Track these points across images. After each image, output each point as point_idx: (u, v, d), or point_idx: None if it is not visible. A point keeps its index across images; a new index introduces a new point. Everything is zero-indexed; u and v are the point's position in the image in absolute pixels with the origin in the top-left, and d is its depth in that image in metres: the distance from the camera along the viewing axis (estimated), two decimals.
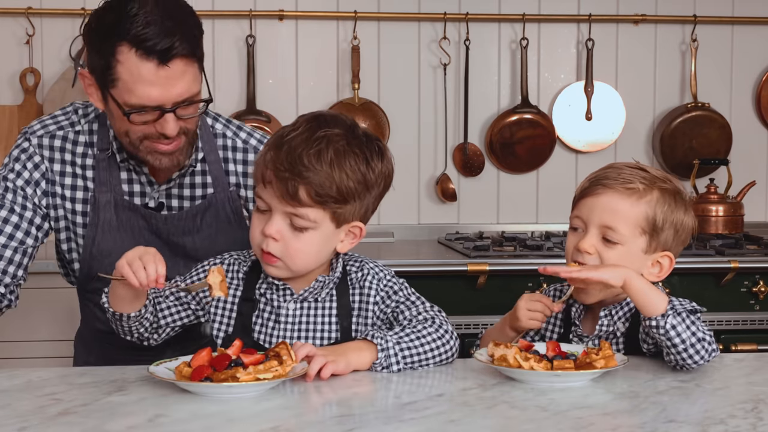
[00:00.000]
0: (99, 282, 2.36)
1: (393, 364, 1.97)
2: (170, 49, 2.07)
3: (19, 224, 2.27)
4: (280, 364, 1.84)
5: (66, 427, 1.62)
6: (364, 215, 2.06)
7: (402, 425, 1.64)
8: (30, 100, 4.13)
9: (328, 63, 4.31)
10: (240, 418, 1.69)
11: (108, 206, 2.31)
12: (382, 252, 3.87)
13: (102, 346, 2.48)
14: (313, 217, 1.98)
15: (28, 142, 2.33)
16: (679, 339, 1.94)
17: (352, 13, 4.27)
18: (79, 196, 2.33)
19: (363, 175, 1.99)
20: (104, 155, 2.31)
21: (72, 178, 2.33)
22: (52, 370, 2.02)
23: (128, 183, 2.34)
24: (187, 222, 2.35)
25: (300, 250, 2.00)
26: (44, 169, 2.32)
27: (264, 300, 2.10)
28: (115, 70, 2.09)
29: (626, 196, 2.11)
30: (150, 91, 2.09)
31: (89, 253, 2.34)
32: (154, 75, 2.08)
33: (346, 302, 2.08)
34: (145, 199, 2.34)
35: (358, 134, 2.03)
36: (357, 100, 4.27)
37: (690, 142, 4.38)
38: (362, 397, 1.84)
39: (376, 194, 2.05)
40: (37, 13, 4.14)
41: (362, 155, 2.00)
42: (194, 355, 1.86)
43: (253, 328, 2.10)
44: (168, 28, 2.07)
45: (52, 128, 2.34)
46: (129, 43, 2.06)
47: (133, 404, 1.76)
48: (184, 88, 2.12)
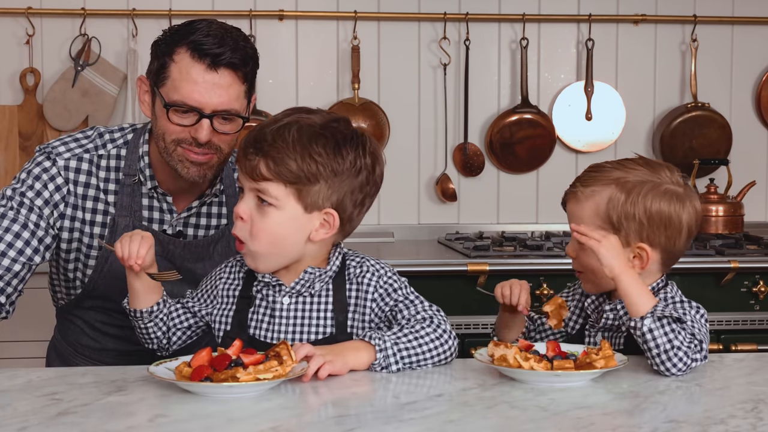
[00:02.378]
0: (95, 300, 2.42)
1: (392, 364, 1.98)
2: (221, 56, 2.21)
3: (30, 241, 2.31)
4: (280, 364, 1.84)
5: (66, 427, 1.62)
6: (339, 204, 2.03)
7: (402, 425, 1.65)
8: (30, 100, 4.13)
9: (328, 63, 4.31)
10: (240, 418, 1.69)
11: (126, 230, 2.33)
12: (382, 252, 3.87)
13: (85, 361, 2.53)
14: (274, 193, 2.00)
15: (50, 162, 2.37)
16: (654, 343, 1.96)
17: (352, 13, 4.26)
18: (98, 219, 2.39)
19: (329, 158, 1.99)
20: (129, 180, 2.38)
21: (93, 202, 2.38)
22: (52, 370, 2.03)
23: (149, 210, 2.40)
24: (201, 249, 2.43)
25: (263, 229, 2.01)
26: (65, 192, 2.36)
27: (260, 296, 2.11)
28: (168, 69, 2.23)
29: (581, 200, 2.14)
30: (193, 91, 2.21)
31: (100, 272, 2.40)
32: (201, 77, 2.21)
33: (342, 297, 2.08)
34: (164, 226, 2.41)
35: (337, 125, 2.04)
36: (357, 100, 4.27)
37: (690, 142, 4.38)
38: (362, 397, 1.84)
39: (352, 185, 2.03)
40: (37, 13, 4.14)
41: (332, 140, 2.00)
42: (194, 355, 1.86)
43: (249, 324, 2.11)
44: (225, 41, 2.23)
45: (78, 151, 2.39)
46: (186, 46, 2.22)
47: (133, 404, 1.77)
48: (225, 99, 2.23)
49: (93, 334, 2.48)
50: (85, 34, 4.14)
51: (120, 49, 4.19)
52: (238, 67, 2.25)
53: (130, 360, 2.47)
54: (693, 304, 2.09)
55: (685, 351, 1.96)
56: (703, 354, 2.01)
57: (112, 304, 2.41)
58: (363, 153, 2.04)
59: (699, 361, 1.99)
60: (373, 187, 2.07)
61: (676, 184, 2.12)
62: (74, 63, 4.10)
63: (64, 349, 2.57)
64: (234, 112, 2.26)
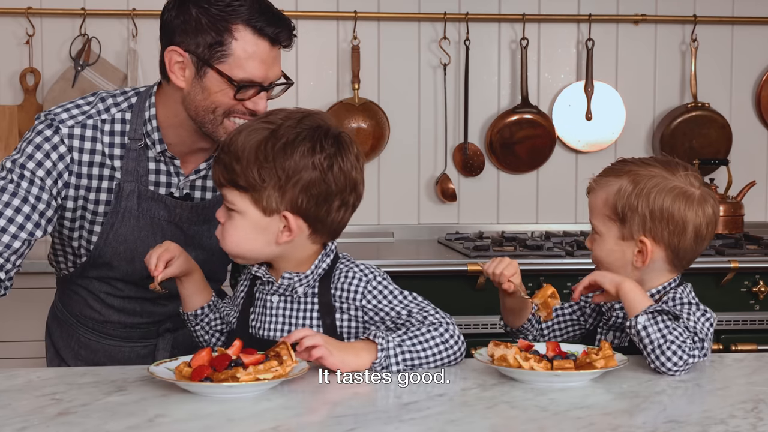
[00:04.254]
0: (100, 269, 2.42)
1: (392, 364, 1.97)
2: (280, 33, 2.28)
3: (31, 215, 2.25)
4: (280, 364, 1.84)
5: (66, 427, 1.62)
6: (295, 206, 2.01)
7: (402, 425, 1.65)
8: (30, 100, 4.13)
9: (328, 63, 4.31)
10: (240, 418, 1.69)
11: (132, 195, 2.34)
12: (382, 252, 3.87)
13: (88, 332, 2.52)
14: (231, 199, 2.02)
15: (52, 130, 2.31)
16: (648, 339, 1.97)
17: (352, 13, 4.27)
18: (104, 185, 2.35)
19: (274, 161, 1.98)
20: (135, 145, 2.35)
21: (99, 168, 2.34)
22: (52, 370, 2.03)
23: (155, 173, 2.38)
24: (208, 211, 2.41)
25: (229, 233, 2.05)
26: (69, 160, 2.31)
27: (258, 293, 2.13)
28: (229, 47, 2.24)
29: (596, 190, 2.19)
30: (260, 68, 2.26)
31: (105, 238, 2.37)
32: (266, 54, 2.26)
33: (327, 300, 2.07)
34: (171, 189, 2.39)
35: (291, 123, 2.03)
36: (357, 100, 4.27)
37: (690, 142, 4.38)
38: (362, 397, 1.84)
39: (304, 185, 2.00)
40: (37, 13, 4.14)
41: (280, 143, 1.99)
42: (194, 355, 1.86)
43: (249, 321, 2.13)
44: (277, 15, 2.30)
45: (81, 118, 2.34)
46: (246, 24, 2.24)
47: (133, 404, 1.77)
48: (279, 70, 2.32)
49: (96, 305, 2.47)
50: (85, 34, 4.14)
51: (120, 49, 4.19)
52: (288, 43, 2.33)
53: (132, 333, 2.49)
54: (701, 307, 2.10)
55: (680, 345, 1.96)
56: (704, 352, 2.01)
57: (117, 272, 2.41)
58: (312, 151, 2.00)
59: (697, 357, 1.99)
60: (334, 184, 2.02)
61: (689, 185, 2.13)
62: (74, 63, 4.11)
63: (67, 318, 2.55)
64: (285, 77, 2.33)
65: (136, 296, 2.45)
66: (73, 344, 2.53)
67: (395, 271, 3.37)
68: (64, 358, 2.56)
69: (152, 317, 2.48)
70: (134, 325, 2.48)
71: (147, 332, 2.50)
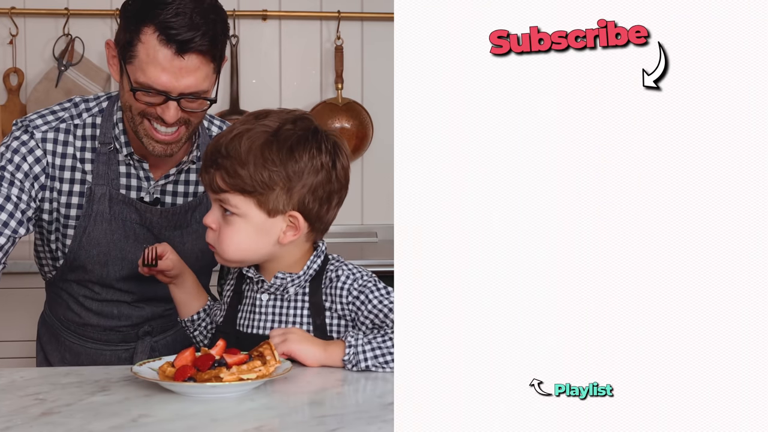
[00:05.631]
0: (77, 272, 2.42)
1: (360, 361, 1.98)
2: (189, 42, 2.15)
3: (14, 213, 2.27)
4: (263, 364, 1.84)
5: (49, 427, 1.62)
6: (301, 205, 2.03)
7: (385, 425, 1.65)
8: (13, 100, 4.12)
9: (312, 63, 4.32)
10: (224, 418, 1.70)
11: (103, 199, 2.35)
12: (366, 252, 3.88)
13: (71, 335, 2.53)
14: (234, 203, 2.01)
15: (28, 135, 2.34)
16: None
17: (336, 13, 4.27)
18: (75, 189, 2.36)
19: (282, 164, 1.99)
20: (105, 149, 2.36)
21: (71, 172, 2.35)
22: (36, 370, 2.03)
23: (126, 177, 2.38)
24: (179, 217, 2.41)
25: (228, 236, 2.03)
26: (45, 164, 2.33)
27: (248, 292, 2.14)
28: (135, 48, 2.18)
29: None
30: (160, 76, 2.17)
31: (78, 242, 2.37)
32: (168, 62, 2.16)
33: (318, 300, 2.09)
34: (141, 193, 2.39)
35: (292, 127, 2.03)
36: (340, 100, 4.28)
37: None
38: (346, 397, 1.85)
39: (311, 185, 2.02)
40: (21, 13, 4.14)
41: (285, 145, 2.00)
42: (178, 355, 1.86)
43: (237, 318, 2.14)
44: (194, 22, 2.15)
45: (54, 123, 2.36)
46: (154, 27, 2.15)
47: (117, 404, 1.77)
48: (192, 83, 2.19)
49: (77, 308, 2.48)
50: (69, 34, 4.14)
51: (103, 50, 4.18)
52: (207, 51, 2.19)
53: (111, 336, 2.49)
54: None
55: None
56: None
57: (92, 275, 2.41)
58: (319, 152, 2.02)
59: None
60: (337, 183, 2.06)
61: None
62: (58, 63, 4.10)
63: (53, 322, 2.56)
64: (202, 94, 2.22)
65: (113, 299, 2.45)
66: (60, 348, 2.54)
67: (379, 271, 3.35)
68: (51, 362, 2.56)
69: (130, 320, 2.48)
70: (113, 328, 2.48)
71: (126, 335, 2.50)
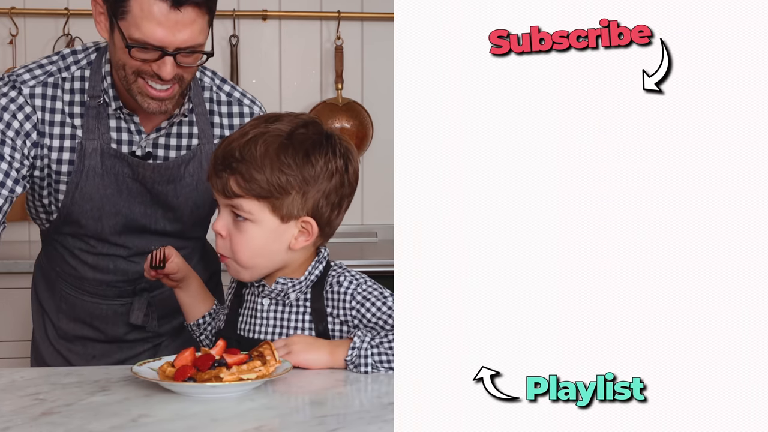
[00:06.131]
0: (72, 226, 2.40)
1: (361, 364, 1.97)
2: None
3: (9, 172, 2.25)
4: (263, 364, 1.84)
5: (49, 428, 1.62)
6: (315, 210, 2.02)
7: (385, 425, 1.65)
8: None
9: (312, 63, 4.32)
10: (223, 418, 1.70)
11: (94, 153, 2.32)
12: (365, 252, 3.88)
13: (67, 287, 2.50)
14: (248, 209, 1.99)
15: (16, 91, 2.30)
16: None
17: (336, 13, 4.27)
18: (66, 144, 2.33)
19: (298, 168, 1.98)
20: (95, 102, 2.33)
21: (60, 127, 2.32)
22: (35, 370, 2.03)
23: (117, 131, 2.35)
24: (171, 171, 2.37)
25: (242, 243, 2.01)
26: (35, 120, 2.30)
27: (249, 296, 2.13)
28: (128, 3, 2.14)
29: None
30: (156, 31, 2.13)
31: (71, 198, 2.35)
32: (164, 16, 2.13)
33: (320, 306, 2.07)
34: (132, 147, 2.36)
35: (305, 131, 2.02)
36: (340, 100, 4.27)
37: None
38: (346, 397, 1.85)
39: (325, 190, 2.01)
40: (21, 13, 4.14)
41: (301, 149, 1.99)
42: (178, 355, 1.86)
43: (238, 322, 2.13)
44: None
45: (42, 77, 2.32)
46: None
47: (117, 404, 1.77)
48: (189, 36, 2.16)
49: (73, 262, 2.45)
50: (69, 34, 4.14)
51: None
52: (203, 3, 2.16)
53: (108, 291, 2.47)
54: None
55: None
56: None
57: (86, 230, 2.39)
58: (333, 156, 2.02)
59: None
60: (348, 187, 2.06)
61: None
62: None
63: (50, 270, 2.54)
64: (198, 48, 2.20)
65: (109, 253, 2.43)
66: (55, 297, 2.52)
67: (378, 272, 3.37)
68: (47, 310, 2.53)
69: (126, 275, 2.45)
70: (109, 283, 2.46)
71: (123, 291, 2.46)
